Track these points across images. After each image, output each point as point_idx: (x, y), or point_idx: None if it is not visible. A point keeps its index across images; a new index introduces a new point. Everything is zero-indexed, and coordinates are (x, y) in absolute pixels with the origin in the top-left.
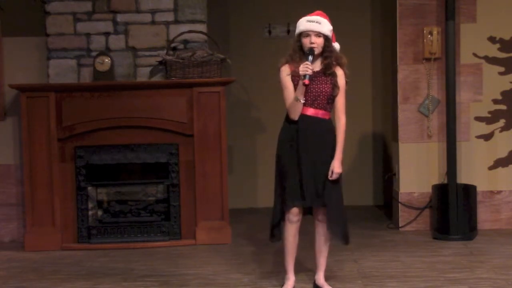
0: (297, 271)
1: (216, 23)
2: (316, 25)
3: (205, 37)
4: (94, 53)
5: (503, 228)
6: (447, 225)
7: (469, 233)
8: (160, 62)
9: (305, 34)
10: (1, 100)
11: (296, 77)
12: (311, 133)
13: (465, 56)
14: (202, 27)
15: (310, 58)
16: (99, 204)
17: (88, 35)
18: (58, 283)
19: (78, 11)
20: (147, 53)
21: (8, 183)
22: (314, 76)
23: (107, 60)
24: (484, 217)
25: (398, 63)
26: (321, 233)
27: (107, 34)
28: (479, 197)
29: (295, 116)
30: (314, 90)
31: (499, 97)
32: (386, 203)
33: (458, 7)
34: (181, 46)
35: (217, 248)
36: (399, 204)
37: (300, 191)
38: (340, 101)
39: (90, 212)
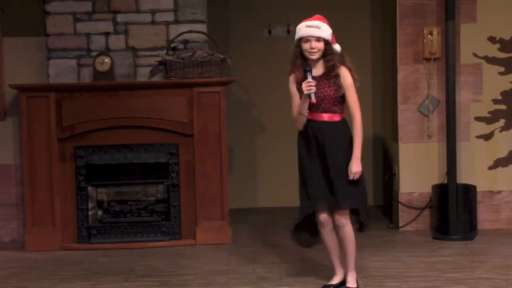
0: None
1: (216, 23)
2: (316, 30)
3: (205, 37)
4: (94, 53)
5: (503, 228)
6: (447, 225)
7: (469, 233)
8: (160, 62)
9: (305, 39)
10: (1, 100)
11: (300, 86)
12: (322, 137)
13: (465, 56)
14: (202, 27)
15: (309, 76)
16: (99, 204)
17: (88, 35)
18: (58, 283)
19: (78, 11)
20: (147, 53)
21: (8, 183)
22: (317, 81)
23: (107, 60)
24: (484, 217)
25: (398, 63)
26: (342, 237)
27: (107, 34)
28: (479, 197)
29: (299, 127)
30: (318, 95)
31: (499, 97)
32: (386, 203)
33: (458, 7)
34: (181, 46)
35: (217, 248)
36: (399, 204)
37: (322, 196)
38: (351, 99)
39: (90, 212)
